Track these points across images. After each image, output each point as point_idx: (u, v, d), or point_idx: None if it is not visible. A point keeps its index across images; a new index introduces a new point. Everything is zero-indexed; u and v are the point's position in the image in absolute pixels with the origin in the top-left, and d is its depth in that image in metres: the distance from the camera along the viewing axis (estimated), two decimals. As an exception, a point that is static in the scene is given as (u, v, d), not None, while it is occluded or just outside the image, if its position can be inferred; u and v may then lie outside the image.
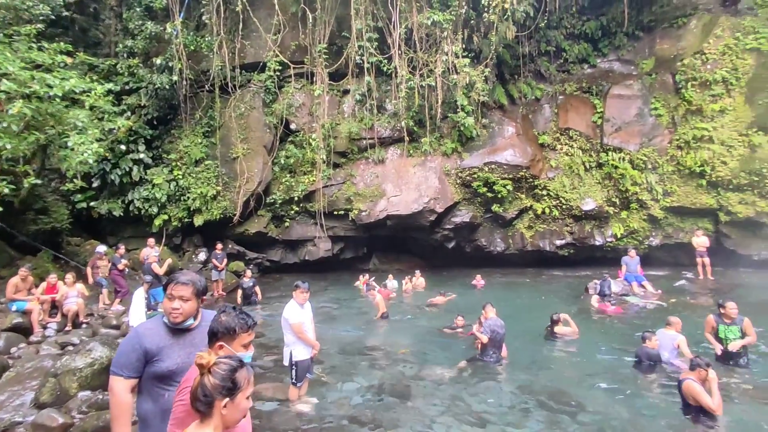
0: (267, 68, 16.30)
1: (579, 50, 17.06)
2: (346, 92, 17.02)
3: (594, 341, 8.59)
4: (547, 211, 16.13)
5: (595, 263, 15.66)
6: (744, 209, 13.84)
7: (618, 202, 15.59)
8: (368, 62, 15.52)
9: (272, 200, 16.33)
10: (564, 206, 15.99)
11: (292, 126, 16.83)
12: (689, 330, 7.51)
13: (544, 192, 16.13)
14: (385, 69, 15.85)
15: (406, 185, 16.20)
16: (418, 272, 15.36)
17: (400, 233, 17.22)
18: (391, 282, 14.79)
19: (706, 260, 13.35)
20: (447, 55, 15.02)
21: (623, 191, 15.30)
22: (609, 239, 15.72)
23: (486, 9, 14.53)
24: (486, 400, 6.16)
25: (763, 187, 13.48)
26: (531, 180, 16.00)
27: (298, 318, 5.79)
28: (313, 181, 16.18)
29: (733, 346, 6.75)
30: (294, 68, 16.35)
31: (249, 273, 13.65)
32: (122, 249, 12.09)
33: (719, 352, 6.95)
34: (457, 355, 7.90)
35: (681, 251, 14.95)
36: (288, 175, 16.38)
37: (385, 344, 8.92)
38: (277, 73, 16.48)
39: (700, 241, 13.56)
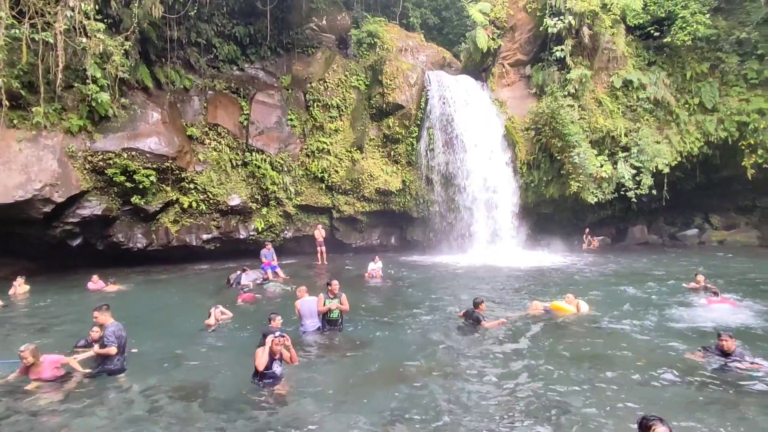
0: None
1: (229, 51, 17.72)
2: None
3: (235, 327, 9.20)
4: (194, 205, 15.97)
5: (239, 256, 16.68)
6: (348, 208, 18.07)
7: (260, 199, 17.20)
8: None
9: None
10: (211, 201, 16.27)
11: None
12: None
13: (192, 185, 15.91)
14: (-31, 2, 11.53)
15: (6, 165, 12.56)
16: (20, 279, 12.02)
17: (-5, 228, 13.04)
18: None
19: (323, 249, 16.74)
20: (73, 11, 12.41)
21: (264, 189, 17.02)
22: (252, 233, 17.14)
23: (127, -25, 12.96)
24: (107, 415, 5.53)
25: (360, 192, 17.98)
26: (178, 172, 15.42)
27: None
28: None
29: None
30: None
31: None
32: None
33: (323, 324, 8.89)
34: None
35: (306, 242, 18.02)
36: None
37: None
38: None
39: (320, 234, 16.85)
